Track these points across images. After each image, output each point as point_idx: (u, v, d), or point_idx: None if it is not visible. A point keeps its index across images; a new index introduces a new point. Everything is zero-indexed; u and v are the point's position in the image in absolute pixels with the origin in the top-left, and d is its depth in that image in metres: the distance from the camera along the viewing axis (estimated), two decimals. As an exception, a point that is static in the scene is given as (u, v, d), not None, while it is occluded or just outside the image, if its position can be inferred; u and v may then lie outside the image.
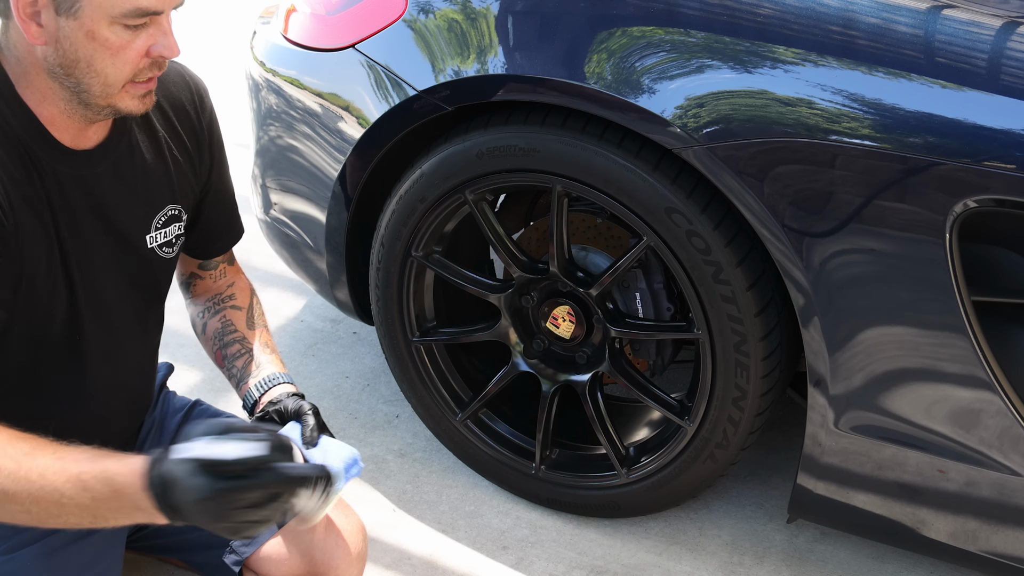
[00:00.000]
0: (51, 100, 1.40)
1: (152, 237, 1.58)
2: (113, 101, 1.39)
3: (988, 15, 1.64)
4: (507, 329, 2.14)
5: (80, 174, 1.46)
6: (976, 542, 1.78)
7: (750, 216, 1.71)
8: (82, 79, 1.36)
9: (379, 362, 2.68)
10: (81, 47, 1.33)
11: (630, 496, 2.10)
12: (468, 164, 1.95)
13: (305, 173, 2.21)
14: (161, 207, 1.59)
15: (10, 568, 1.51)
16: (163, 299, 1.69)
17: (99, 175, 1.48)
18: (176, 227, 1.63)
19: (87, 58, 1.34)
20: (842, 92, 1.61)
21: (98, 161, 1.48)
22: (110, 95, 1.38)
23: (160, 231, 1.59)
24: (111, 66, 1.35)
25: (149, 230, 1.58)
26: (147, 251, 1.58)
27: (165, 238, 1.61)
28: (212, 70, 4.03)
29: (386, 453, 2.38)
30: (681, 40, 1.72)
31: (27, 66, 1.38)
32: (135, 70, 1.37)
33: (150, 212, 1.57)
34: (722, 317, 1.82)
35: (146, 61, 1.37)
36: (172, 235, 1.62)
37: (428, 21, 1.97)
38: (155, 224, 1.58)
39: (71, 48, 1.33)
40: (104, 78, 1.36)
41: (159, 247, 1.60)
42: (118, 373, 1.61)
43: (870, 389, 1.72)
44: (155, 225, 1.58)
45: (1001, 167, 1.51)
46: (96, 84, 1.36)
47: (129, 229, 1.55)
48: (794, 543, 2.13)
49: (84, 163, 1.46)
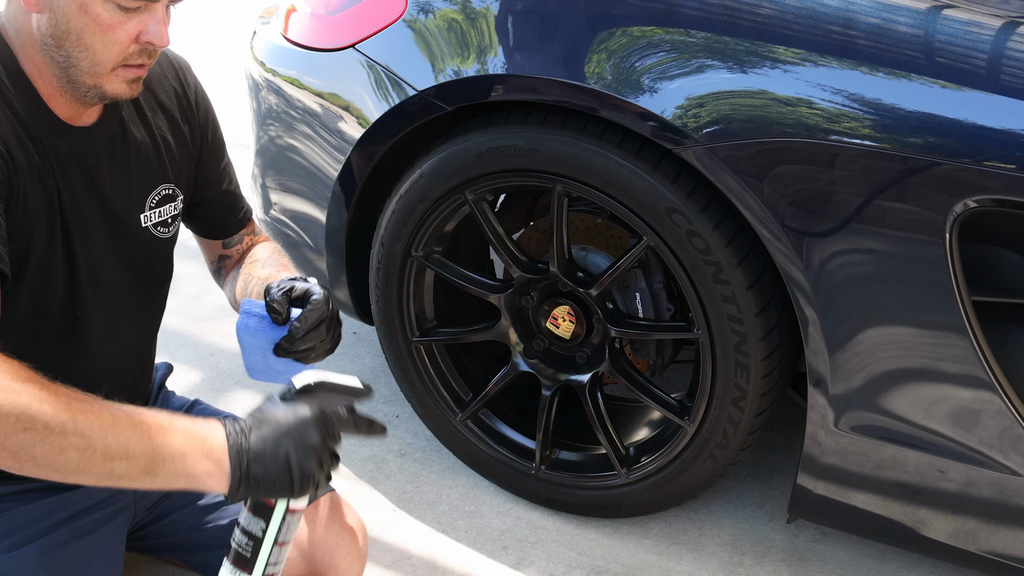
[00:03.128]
0: (45, 76, 1.42)
1: (146, 216, 1.60)
2: (101, 82, 1.40)
3: (988, 15, 1.64)
4: (507, 329, 2.14)
5: (77, 150, 1.48)
6: (976, 542, 1.78)
7: (750, 216, 1.71)
8: (72, 52, 1.37)
9: (379, 362, 2.68)
10: (73, 18, 1.34)
11: (630, 496, 2.10)
12: (468, 164, 1.95)
13: (305, 173, 2.21)
14: (154, 186, 1.60)
15: (9, 567, 1.51)
16: (162, 286, 1.70)
17: (95, 152, 1.51)
18: (171, 207, 1.64)
19: (77, 31, 1.35)
20: (842, 92, 1.61)
21: (94, 139, 1.50)
22: (98, 74, 1.39)
23: (154, 211, 1.61)
24: (100, 43, 1.36)
25: (143, 209, 1.59)
26: (141, 231, 1.60)
27: (160, 218, 1.62)
28: (212, 70, 4.03)
29: (386, 453, 2.38)
30: (681, 40, 1.72)
31: (24, 38, 1.40)
32: (124, 53, 1.38)
33: (143, 192, 1.59)
34: (722, 317, 1.82)
35: (136, 47, 1.38)
36: (168, 215, 1.63)
37: (428, 21, 1.97)
38: (149, 203, 1.60)
39: (63, 18, 1.35)
40: (93, 55, 1.37)
41: (154, 226, 1.61)
42: (115, 354, 1.62)
43: (870, 389, 1.72)
44: (149, 204, 1.60)
45: (1001, 167, 1.51)
46: (85, 60, 1.37)
47: (124, 209, 1.56)
48: (794, 543, 2.13)
49: (81, 139, 1.48)
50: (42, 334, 1.51)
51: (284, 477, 1.30)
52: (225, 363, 2.69)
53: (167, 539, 1.77)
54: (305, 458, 1.30)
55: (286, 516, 1.36)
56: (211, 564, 1.73)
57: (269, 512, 1.36)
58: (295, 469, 1.30)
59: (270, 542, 1.37)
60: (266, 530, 1.37)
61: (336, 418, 1.33)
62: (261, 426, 1.31)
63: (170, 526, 1.75)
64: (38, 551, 1.53)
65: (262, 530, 1.37)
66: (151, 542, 1.78)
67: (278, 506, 1.35)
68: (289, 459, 1.29)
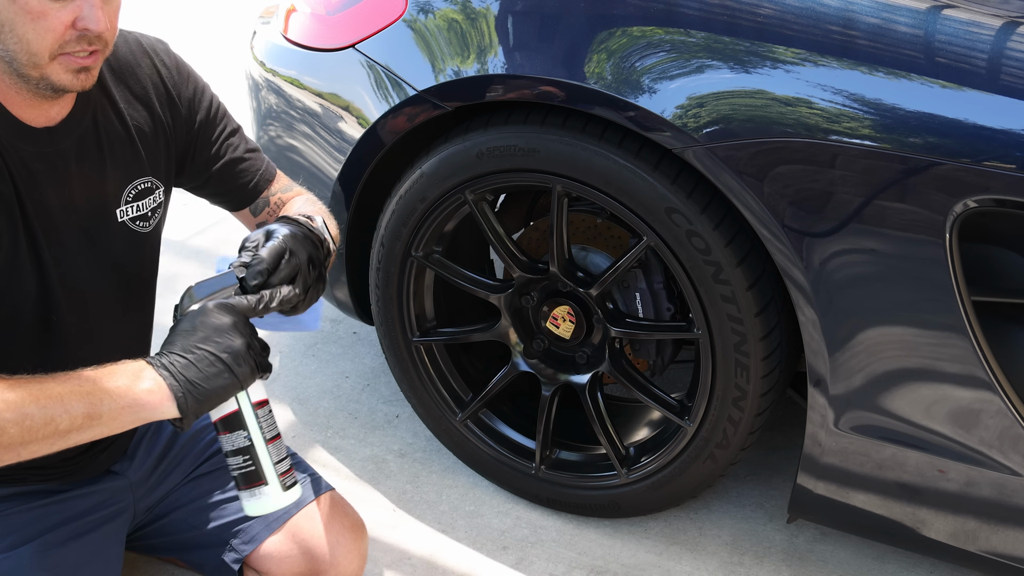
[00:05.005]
0: None
1: (123, 211, 1.57)
2: (45, 73, 1.36)
3: (988, 15, 1.64)
4: (507, 329, 2.14)
5: (44, 151, 1.45)
6: (976, 542, 1.78)
7: (750, 216, 1.71)
8: (8, 45, 1.34)
9: (379, 362, 2.68)
10: (4, 9, 1.31)
11: (630, 496, 2.10)
12: (468, 164, 1.95)
13: (305, 173, 2.21)
14: (130, 180, 1.57)
15: (7, 566, 1.51)
16: (147, 281, 1.67)
17: (63, 152, 1.47)
18: (151, 200, 1.60)
19: (10, 22, 1.32)
20: (842, 92, 1.61)
21: (62, 138, 1.47)
22: (38, 65, 1.35)
23: (131, 204, 1.58)
24: (32, 32, 1.32)
25: (119, 203, 1.56)
26: (118, 225, 1.56)
27: (138, 211, 1.59)
28: (212, 70, 4.03)
29: (386, 453, 2.38)
30: (681, 40, 1.72)
31: None
32: (59, 40, 1.33)
33: (118, 187, 1.56)
34: (722, 317, 1.82)
35: (72, 33, 1.33)
36: (147, 208, 1.60)
37: (428, 21, 1.97)
38: (125, 198, 1.57)
39: None
40: (27, 45, 1.33)
41: (131, 220, 1.58)
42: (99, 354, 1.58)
43: (870, 389, 1.72)
44: (124, 199, 1.57)
45: (1001, 167, 1.51)
46: (21, 52, 1.34)
47: (98, 205, 1.53)
48: (794, 543, 2.13)
49: (47, 141, 1.45)
50: (15, 342, 1.49)
51: (219, 366, 1.35)
52: (225, 363, 2.69)
53: (167, 539, 1.77)
54: (228, 341, 1.36)
55: (255, 411, 1.38)
56: (211, 563, 1.73)
57: (238, 418, 1.38)
58: (224, 356, 1.35)
59: (261, 443, 1.39)
60: (249, 435, 1.39)
61: (228, 300, 1.40)
62: (173, 344, 1.37)
63: (169, 526, 1.76)
64: (36, 551, 1.53)
65: (246, 437, 1.39)
66: (151, 542, 1.78)
67: (241, 405, 1.38)
68: (214, 351, 1.35)
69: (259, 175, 1.76)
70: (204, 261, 3.20)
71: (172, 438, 1.77)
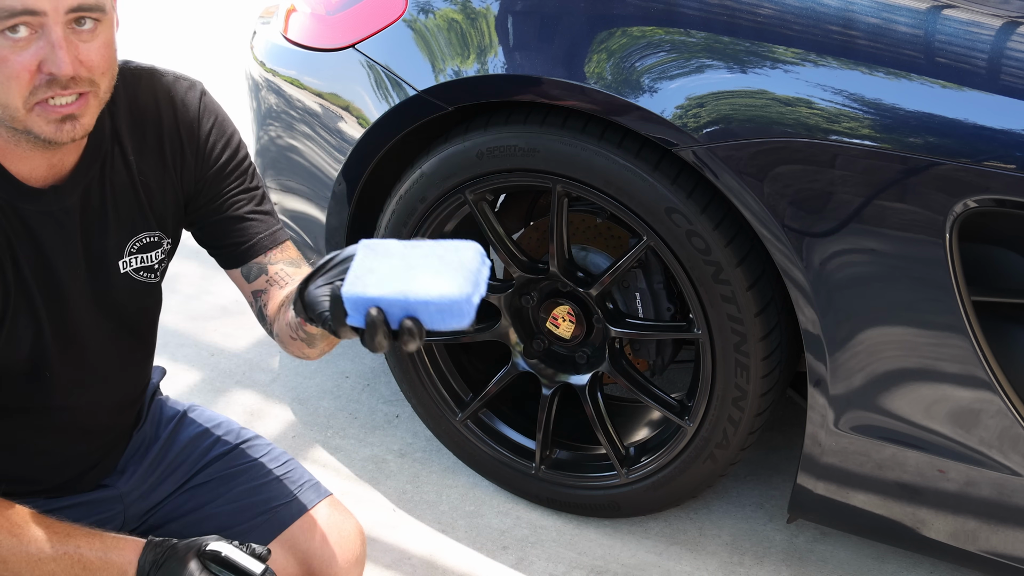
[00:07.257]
0: None
1: (126, 262, 1.48)
2: (26, 125, 1.25)
3: (988, 15, 1.64)
4: (507, 329, 2.14)
5: (49, 210, 1.37)
6: (976, 542, 1.78)
7: (750, 216, 1.71)
8: None
9: (379, 362, 2.68)
10: None
11: (630, 496, 2.10)
12: (468, 164, 1.95)
13: (305, 173, 2.21)
14: (134, 234, 1.48)
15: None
16: (151, 324, 1.60)
17: (68, 208, 1.39)
18: (157, 253, 1.52)
19: None
20: (842, 92, 1.61)
21: (67, 195, 1.38)
22: (15, 117, 1.24)
23: (135, 256, 1.49)
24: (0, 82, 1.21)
25: (122, 255, 1.48)
26: (120, 277, 1.48)
27: (142, 263, 1.50)
28: (212, 70, 4.03)
29: (386, 453, 2.38)
30: (681, 40, 1.72)
31: None
32: (26, 87, 1.22)
33: (121, 240, 1.47)
34: (722, 317, 1.82)
35: (41, 78, 1.22)
36: (153, 261, 1.52)
37: (428, 21, 1.97)
38: (128, 250, 1.48)
39: None
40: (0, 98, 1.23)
41: (134, 271, 1.49)
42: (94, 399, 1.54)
43: (870, 389, 1.72)
44: (128, 251, 1.48)
45: (1001, 167, 1.51)
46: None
47: (100, 257, 1.45)
48: (794, 543, 2.13)
49: (52, 199, 1.37)
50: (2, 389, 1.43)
51: None
52: (225, 363, 2.69)
53: None
54: None
55: None
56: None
57: None
58: None
59: None
60: None
61: None
62: None
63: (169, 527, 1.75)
64: None
65: None
66: None
67: None
68: None
69: (257, 238, 1.58)
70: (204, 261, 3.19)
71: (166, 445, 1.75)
